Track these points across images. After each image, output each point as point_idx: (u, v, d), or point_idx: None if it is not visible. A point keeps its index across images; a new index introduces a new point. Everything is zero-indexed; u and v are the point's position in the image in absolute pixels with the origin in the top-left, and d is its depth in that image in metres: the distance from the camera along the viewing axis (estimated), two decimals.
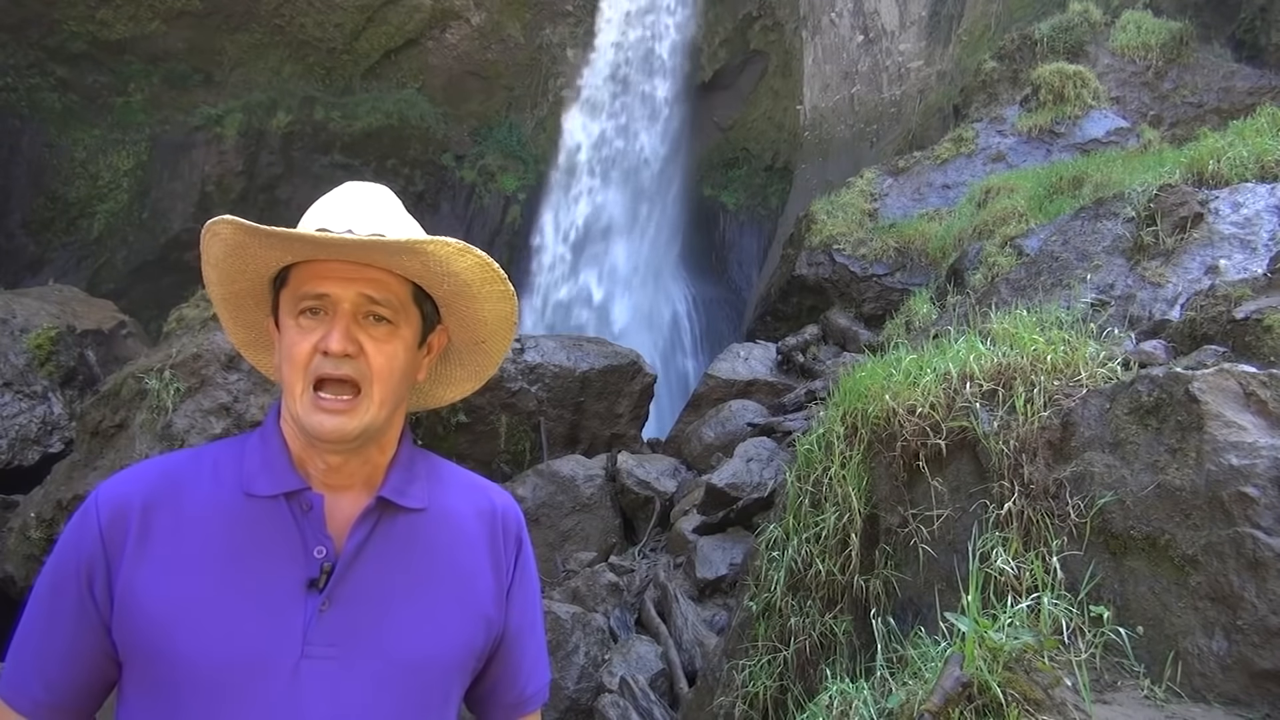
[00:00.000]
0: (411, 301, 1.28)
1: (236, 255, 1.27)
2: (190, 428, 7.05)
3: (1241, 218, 5.14)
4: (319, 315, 1.23)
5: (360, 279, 1.22)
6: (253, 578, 1.20)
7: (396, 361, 1.26)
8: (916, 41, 15.99)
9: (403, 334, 1.27)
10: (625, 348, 9.66)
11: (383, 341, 1.24)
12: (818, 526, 3.63)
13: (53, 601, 1.22)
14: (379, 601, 1.25)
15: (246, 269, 1.29)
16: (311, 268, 1.23)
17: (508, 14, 18.81)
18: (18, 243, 16.19)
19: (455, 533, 1.36)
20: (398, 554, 1.29)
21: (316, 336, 1.21)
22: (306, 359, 1.22)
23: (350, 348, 1.21)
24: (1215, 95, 11.19)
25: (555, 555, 7.30)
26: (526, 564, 1.45)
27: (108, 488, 1.25)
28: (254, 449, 1.29)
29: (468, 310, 1.35)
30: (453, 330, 1.40)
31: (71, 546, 1.23)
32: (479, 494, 1.44)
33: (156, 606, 1.17)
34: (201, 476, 1.27)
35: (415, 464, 1.36)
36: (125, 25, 16.36)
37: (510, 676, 1.43)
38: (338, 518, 1.28)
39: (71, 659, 1.21)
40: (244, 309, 1.38)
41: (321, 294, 1.22)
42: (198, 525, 1.22)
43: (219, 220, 1.24)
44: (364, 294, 1.22)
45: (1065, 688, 2.11)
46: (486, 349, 1.43)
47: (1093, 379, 3.09)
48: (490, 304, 1.35)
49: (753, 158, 19.30)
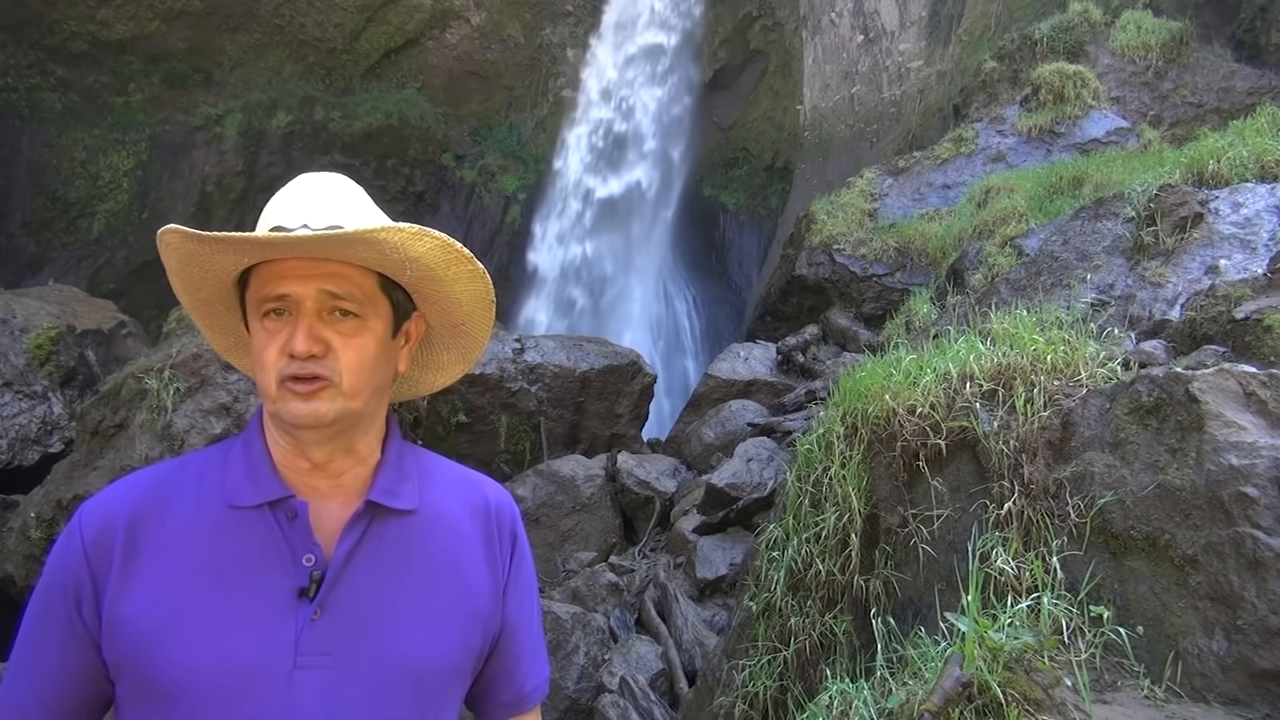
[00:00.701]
0: (379, 291, 1.25)
1: (192, 264, 1.24)
2: (190, 428, 7.05)
3: (1241, 218, 5.14)
4: (283, 316, 1.20)
5: (319, 274, 1.19)
6: (242, 590, 1.18)
7: (367, 354, 1.22)
8: (916, 41, 15.99)
9: (372, 326, 1.24)
10: (625, 348, 9.66)
11: (350, 336, 1.21)
12: (818, 526, 3.63)
13: (43, 622, 1.21)
14: (372, 608, 1.23)
15: (206, 276, 1.26)
16: (270, 268, 1.20)
17: (508, 14, 18.81)
18: (18, 243, 16.19)
19: (448, 532, 1.34)
20: (390, 558, 1.27)
21: (282, 338, 1.19)
22: (274, 362, 1.19)
23: (316, 348, 1.18)
24: (1215, 95, 11.18)
25: (555, 555, 7.30)
26: (522, 559, 1.43)
27: (91, 506, 1.23)
28: (237, 457, 1.27)
29: (439, 294, 1.32)
30: (430, 316, 1.37)
31: (58, 567, 1.21)
32: (471, 489, 1.41)
33: (145, 624, 1.15)
34: (186, 489, 1.24)
35: (404, 463, 1.34)
36: (125, 25, 16.36)
37: (508, 674, 1.42)
38: (326, 524, 1.25)
39: (66, 679, 1.20)
40: (216, 315, 1.35)
41: (282, 294, 1.19)
42: (184, 540, 1.20)
43: (166, 230, 1.20)
44: (325, 290, 1.19)
45: (1065, 688, 2.11)
46: (468, 330, 1.40)
47: (1093, 379, 3.09)
48: (461, 285, 1.31)
49: (753, 158, 19.30)
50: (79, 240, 16.66)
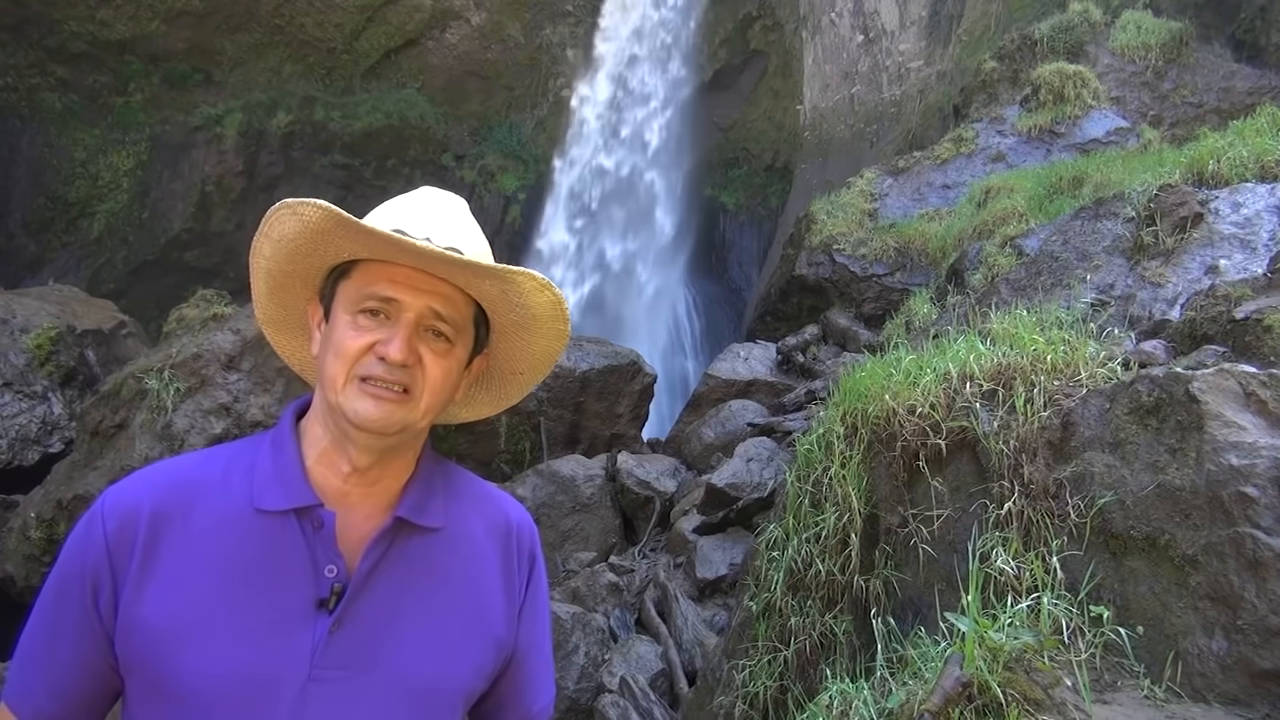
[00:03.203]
0: (471, 322, 1.27)
1: (313, 239, 1.22)
2: (190, 428, 7.05)
3: (1241, 218, 5.14)
4: (378, 317, 1.20)
5: (431, 292, 1.20)
6: (261, 596, 1.17)
7: (450, 377, 1.25)
8: (916, 41, 15.99)
9: (457, 353, 1.26)
10: (625, 348, 9.65)
11: (440, 356, 1.23)
12: (818, 526, 3.63)
13: (58, 609, 1.19)
14: (390, 624, 1.22)
15: (314, 253, 1.25)
16: (383, 268, 1.20)
17: (508, 14, 18.81)
18: (18, 243, 16.19)
19: (469, 553, 1.33)
20: (411, 576, 1.26)
21: (373, 338, 1.19)
22: (357, 355, 1.19)
23: (410, 358, 1.19)
24: (1215, 95, 11.18)
25: (555, 555, 7.30)
26: (538, 583, 1.43)
27: (114, 494, 1.21)
28: (266, 457, 1.25)
29: (521, 342, 1.34)
30: (496, 357, 1.38)
31: (77, 554, 1.19)
32: (494, 508, 1.41)
33: (161, 623, 1.14)
34: (211, 486, 1.22)
35: (434, 479, 1.34)
36: (125, 25, 16.36)
37: (517, 696, 1.41)
38: (350, 535, 1.24)
39: (77, 669, 1.19)
40: (289, 289, 1.33)
41: (389, 298, 1.19)
42: (206, 540, 1.18)
43: (306, 202, 1.19)
44: (432, 307, 1.20)
45: (1065, 688, 2.11)
46: (521, 380, 1.42)
47: (1093, 379, 3.09)
48: (544, 341, 1.33)
49: (753, 158, 19.30)
50: (79, 240, 16.66)
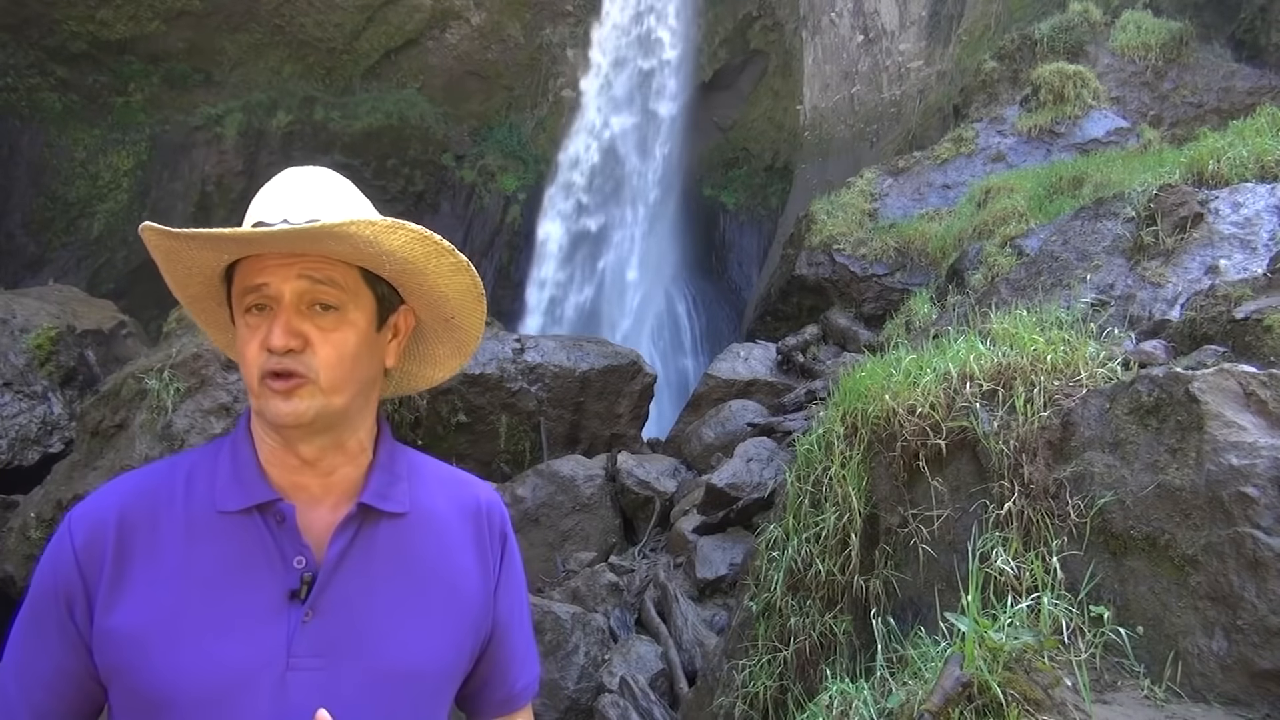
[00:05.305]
0: (362, 283, 1.23)
1: (174, 261, 1.23)
2: (190, 428, 7.05)
3: (1241, 218, 5.14)
4: (264, 311, 1.19)
5: (298, 266, 1.18)
6: (231, 595, 1.17)
7: (346, 349, 1.21)
8: (916, 41, 15.99)
9: (352, 319, 1.22)
10: (625, 348, 9.66)
11: (330, 330, 1.20)
12: (818, 526, 3.63)
13: (35, 626, 1.20)
14: (365, 610, 1.22)
15: (191, 273, 1.25)
16: (250, 264, 1.19)
17: (508, 14, 18.81)
18: (18, 243, 16.20)
19: (439, 534, 1.33)
20: (382, 560, 1.26)
21: (263, 333, 1.18)
22: (255, 356, 1.18)
23: (293, 342, 1.17)
24: (1215, 95, 11.18)
25: (555, 555, 7.30)
26: (512, 559, 1.43)
27: (81, 509, 1.22)
28: (225, 460, 1.26)
29: (423, 287, 1.30)
30: (419, 310, 1.35)
31: (49, 571, 1.20)
32: (462, 489, 1.41)
33: (133, 630, 1.15)
34: (176, 493, 1.23)
35: (396, 464, 1.33)
36: (125, 25, 16.37)
37: (500, 674, 1.42)
38: (316, 527, 1.24)
39: (57, 684, 1.19)
40: (209, 311, 1.34)
41: (260, 285, 1.18)
42: (173, 546, 1.19)
43: (143, 228, 1.18)
44: (305, 282, 1.18)
45: (1065, 688, 2.11)
46: (459, 324, 1.38)
47: (1093, 379, 3.09)
48: (445, 278, 1.29)
49: (753, 158, 19.31)
50: (79, 240, 16.67)
